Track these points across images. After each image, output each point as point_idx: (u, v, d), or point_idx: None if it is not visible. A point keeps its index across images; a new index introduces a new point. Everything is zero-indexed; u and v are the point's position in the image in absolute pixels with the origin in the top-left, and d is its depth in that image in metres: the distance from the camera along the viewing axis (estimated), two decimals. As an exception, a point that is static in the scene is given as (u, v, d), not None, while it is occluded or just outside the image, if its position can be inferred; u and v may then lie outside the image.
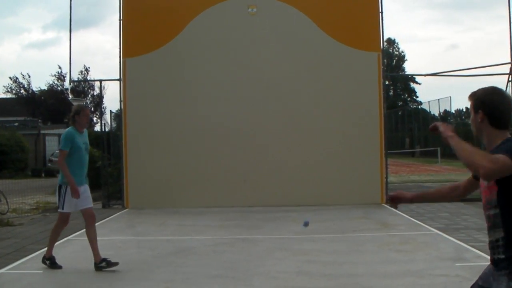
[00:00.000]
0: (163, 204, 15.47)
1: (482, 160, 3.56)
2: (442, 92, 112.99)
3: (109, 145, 18.15)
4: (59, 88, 58.75)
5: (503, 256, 3.60)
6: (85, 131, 9.04)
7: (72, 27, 17.69)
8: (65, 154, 8.66)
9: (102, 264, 8.62)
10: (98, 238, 9.04)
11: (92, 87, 58.41)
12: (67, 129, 8.86)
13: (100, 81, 21.58)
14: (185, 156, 16.51)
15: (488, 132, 3.92)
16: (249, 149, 16.18)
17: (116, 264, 8.61)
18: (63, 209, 8.91)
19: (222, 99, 16.63)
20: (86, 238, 8.91)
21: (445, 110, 55.96)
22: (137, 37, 16.95)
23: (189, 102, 16.71)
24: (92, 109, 59.02)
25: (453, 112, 65.62)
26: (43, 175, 36.52)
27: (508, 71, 17.42)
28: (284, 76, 16.55)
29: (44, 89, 58.84)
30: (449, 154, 44.40)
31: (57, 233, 9.23)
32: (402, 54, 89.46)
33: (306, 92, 16.53)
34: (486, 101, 3.83)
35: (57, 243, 11.20)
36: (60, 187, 8.83)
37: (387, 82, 64.45)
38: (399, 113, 66.69)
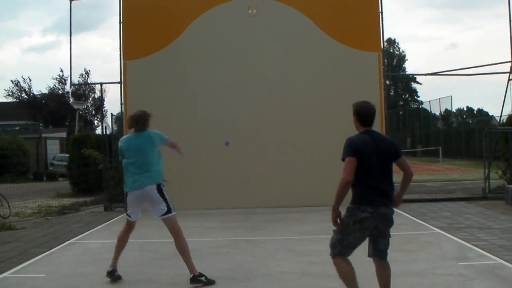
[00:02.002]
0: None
1: (340, 182, 6.00)
2: (443, 92, 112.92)
3: (110, 148, 18.14)
4: (60, 92, 58.81)
5: None
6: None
7: (72, 31, 17.72)
8: None
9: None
10: (100, 241, 8.99)
11: (93, 90, 58.65)
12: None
13: (101, 84, 21.65)
14: (187, 158, 16.43)
15: (356, 126, 6.62)
16: (251, 150, 16.18)
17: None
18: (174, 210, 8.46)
19: (223, 100, 16.63)
20: (91, 241, 8.77)
21: (446, 109, 56.03)
22: (137, 40, 16.96)
23: (190, 104, 16.71)
24: (93, 112, 59.16)
25: (454, 111, 65.64)
26: (44, 178, 36.54)
27: (508, 70, 17.42)
28: (285, 77, 16.55)
29: (45, 93, 58.92)
30: (451, 154, 44.48)
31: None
32: (403, 54, 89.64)
33: (307, 92, 16.53)
34: (357, 109, 6.61)
35: (59, 246, 11.24)
36: (161, 185, 8.43)
37: (388, 82, 64.44)
38: (400, 113, 66.76)
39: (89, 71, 55.68)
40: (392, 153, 6.30)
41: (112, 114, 21.51)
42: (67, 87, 57.96)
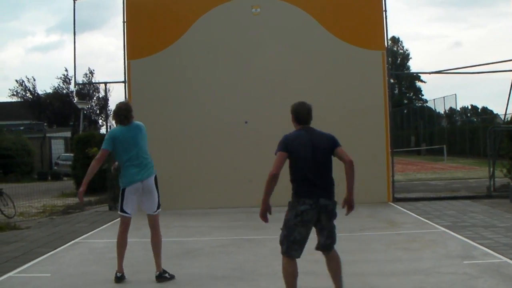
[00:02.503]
0: (168, 205, 15.37)
1: (267, 177, 6.50)
2: (447, 90, 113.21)
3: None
4: (64, 91, 58.86)
5: None
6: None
7: (76, 30, 17.75)
8: None
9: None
10: (104, 240, 8.99)
11: (97, 90, 58.65)
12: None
13: (105, 83, 21.68)
14: (190, 157, 16.52)
15: (294, 125, 6.81)
16: (254, 149, 16.16)
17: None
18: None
19: (227, 99, 16.63)
20: (96, 241, 8.75)
21: (451, 108, 55.94)
22: (141, 39, 16.96)
23: (194, 103, 16.71)
24: (98, 111, 59.20)
25: (459, 109, 65.51)
26: (49, 178, 36.61)
27: (512, 68, 17.38)
28: (288, 76, 16.53)
29: (50, 92, 58.97)
30: (455, 152, 44.41)
31: None
32: (407, 52, 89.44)
33: (311, 91, 16.43)
34: (293, 108, 6.90)
35: (64, 246, 11.26)
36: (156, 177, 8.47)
37: (392, 81, 64.35)
38: (405, 111, 66.61)
39: (93, 70, 55.58)
40: (328, 147, 6.48)
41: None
42: (72, 87, 58.01)
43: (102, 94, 57.40)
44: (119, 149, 8.34)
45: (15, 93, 59.06)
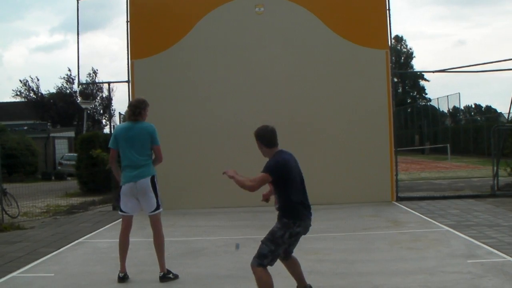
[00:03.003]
0: (173, 205, 15.41)
1: (246, 183, 6.79)
2: (450, 89, 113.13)
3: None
4: (68, 91, 58.92)
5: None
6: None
7: (79, 30, 17.75)
8: None
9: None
10: (108, 240, 8.99)
11: (100, 89, 58.69)
12: (151, 124, 8.61)
13: (109, 83, 21.70)
14: (194, 157, 16.52)
15: (264, 150, 7.03)
16: (257, 149, 16.13)
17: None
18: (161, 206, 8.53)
19: (230, 99, 16.63)
20: (100, 240, 8.76)
21: (454, 107, 55.84)
22: (144, 39, 16.96)
23: (198, 102, 16.71)
24: (101, 111, 59.26)
25: (462, 108, 65.38)
26: (53, 178, 36.65)
27: (516, 66, 17.35)
28: (292, 75, 16.53)
29: (53, 92, 59.02)
30: (459, 151, 44.35)
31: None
32: (410, 51, 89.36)
33: (315, 90, 16.51)
34: (258, 134, 6.99)
35: (67, 246, 11.28)
36: (154, 178, 8.43)
37: (395, 80, 64.24)
38: (408, 110, 66.56)
39: (97, 70, 55.69)
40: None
41: (120, 113, 21.60)
42: (75, 87, 58.09)
43: (105, 94, 57.50)
44: (120, 147, 8.38)
45: (18, 93, 59.16)
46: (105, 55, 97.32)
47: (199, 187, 16.35)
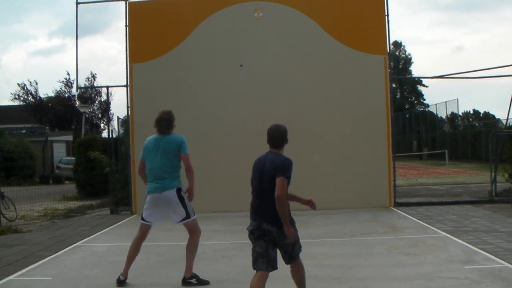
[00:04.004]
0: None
1: (277, 198, 6.11)
2: (449, 94, 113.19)
3: (116, 151, 18.16)
4: (66, 95, 58.95)
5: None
6: None
7: (78, 34, 17.75)
8: None
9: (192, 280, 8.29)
10: (106, 244, 9.01)
11: (99, 94, 58.71)
12: (180, 135, 8.81)
13: (107, 87, 21.65)
14: (192, 161, 16.44)
15: (271, 150, 6.68)
16: (257, 153, 16.11)
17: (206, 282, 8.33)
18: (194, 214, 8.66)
19: (229, 103, 16.64)
20: (98, 244, 8.79)
21: (452, 112, 55.91)
22: (143, 43, 16.98)
23: (196, 107, 16.72)
24: (100, 115, 59.28)
25: (460, 114, 65.48)
26: (51, 181, 36.65)
27: (514, 73, 17.38)
28: (290, 80, 16.54)
29: (52, 96, 59.06)
30: (457, 157, 44.39)
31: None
32: (409, 56, 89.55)
33: (313, 95, 16.52)
34: (268, 131, 6.85)
35: (65, 249, 11.27)
36: (181, 191, 8.63)
37: (394, 85, 64.28)
38: (407, 115, 66.63)
39: (95, 74, 55.72)
40: (272, 174, 6.32)
41: (118, 117, 21.56)
42: (74, 91, 58.15)
43: (104, 98, 57.56)
44: (147, 158, 8.57)
45: (17, 96, 59.28)
46: (103, 59, 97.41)
47: (198, 191, 16.25)
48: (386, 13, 16.67)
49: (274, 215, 6.20)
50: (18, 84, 60.16)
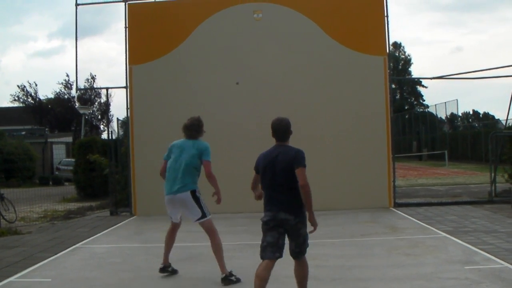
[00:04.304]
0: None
1: (303, 187, 6.47)
2: (448, 95, 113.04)
3: (116, 153, 18.15)
4: (66, 97, 58.94)
5: None
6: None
7: (77, 35, 17.75)
8: None
9: (232, 278, 8.45)
10: (106, 245, 9.03)
11: (99, 95, 58.67)
12: (205, 142, 9.20)
13: (107, 88, 21.69)
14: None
15: (279, 144, 6.93)
16: (256, 154, 16.10)
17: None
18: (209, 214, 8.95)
19: (228, 104, 16.64)
20: (97, 246, 8.86)
21: (452, 113, 55.92)
22: (143, 44, 16.98)
23: (196, 108, 16.63)
24: (99, 116, 59.27)
25: (460, 114, 65.51)
26: (50, 183, 36.62)
27: (514, 73, 17.37)
28: (290, 81, 16.54)
29: (51, 98, 59.05)
30: (457, 157, 44.39)
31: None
32: (408, 57, 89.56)
33: (313, 96, 16.52)
34: (272, 125, 7.03)
35: (65, 251, 11.26)
36: (196, 192, 8.91)
37: (393, 86, 64.24)
38: (406, 116, 66.59)
39: (95, 75, 55.64)
40: (289, 166, 6.68)
41: (118, 119, 21.57)
42: (73, 92, 58.10)
43: (103, 99, 57.52)
44: (169, 158, 8.92)
45: (16, 98, 59.24)
46: (103, 60, 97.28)
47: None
48: (385, 14, 16.67)
49: (290, 205, 6.57)
50: (18, 86, 60.19)
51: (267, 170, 6.78)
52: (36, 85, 59.59)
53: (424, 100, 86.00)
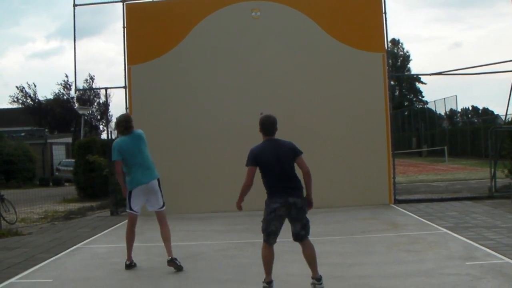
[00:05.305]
0: (171, 210, 15.24)
1: (242, 187, 7.71)
2: (447, 91, 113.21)
3: (116, 153, 18.10)
4: (65, 97, 58.96)
5: None
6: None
7: (76, 36, 17.75)
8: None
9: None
10: (106, 245, 9.10)
11: (97, 95, 58.73)
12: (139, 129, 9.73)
13: (106, 89, 21.62)
14: (192, 161, 16.52)
15: (263, 137, 7.85)
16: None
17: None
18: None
19: (227, 103, 16.62)
20: (98, 246, 9.00)
21: (451, 109, 55.93)
22: (141, 44, 16.96)
23: (195, 107, 16.72)
24: (99, 117, 59.29)
25: (459, 110, 65.49)
26: (50, 184, 36.65)
27: (512, 69, 17.35)
28: (289, 79, 16.53)
29: (50, 98, 59.06)
30: (457, 153, 44.40)
31: None
32: (407, 54, 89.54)
33: (312, 94, 16.51)
34: (260, 121, 7.96)
35: (66, 251, 11.27)
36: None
37: (392, 83, 64.30)
38: (406, 113, 66.63)
39: (94, 76, 55.67)
40: (290, 156, 7.59)
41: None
42: (72, 93, 58.14)
43: (102, 99, 57.56)
44: (126, 157, 9.34)
45: (15, 99, 59.25)
46: (101, 60, 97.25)
47: (197, 191, 16.35)
48: (383, 11, 16.66)
49: (297, 189, 7.41)
50: (17, 87, 60.25)
51: (272, 162, 7.43)
52: (35, 86, 59.79)
53: (423, 97, 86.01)
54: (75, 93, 56.49)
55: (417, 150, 52.27)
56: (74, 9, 17.59)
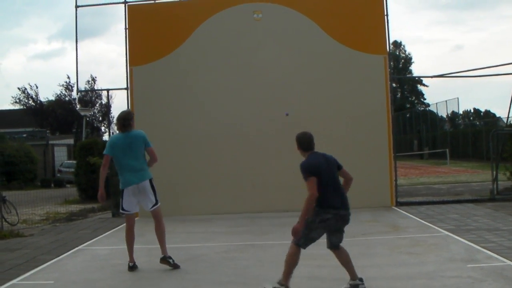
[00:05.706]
0: (172, 211, 15.34)
1: (308, 201, 7.32)
2: (449, 93, 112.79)
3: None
4: (66, 98, 58.99)
5: None
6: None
7: (78, 37, 17.77)
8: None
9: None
10: (108, 247, 9.10)
11: (99, 97, 58.79)
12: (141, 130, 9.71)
13: (108, 90, 21.71)
14: (193, 163, 16.51)
15: (302, 153, 7.82)
16: (257, 154, 16.15)
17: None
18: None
19: (229, 105, 16.63)
20: (100, 247, 9.03)
21: (453, 111, 55.89)
22: (143, 46, 16.97)
23: (196, 109, 16.72)
24: (100, 118, 59.32)
25: (461, 113, 65.45)
26: (52, 185, 36.66)
27: (514, 71, 17.36)
28: (290, 81, 16.52)
29: (52, 100, 59.08)
30: (458, 156, 44.37)
31: None
32: (409, 56, 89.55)
33: (313, 96, 16.50)
34: (297, 138, 7.82)
35: (67, 253, 11.27)
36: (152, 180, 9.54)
37: (394, 85, 64.26)
38: (407, 115, 66.59)
39: (96, 77, 55.78)
40: (336, 166, 7.93)
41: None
42: (74, 94, 58.21)
43: (104, 101, 57.69)
44: (117, 154, 9.41)
45: (17, 100, 59.29)
46: (103, 62, 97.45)
47: (197, 193, 16.34)
48: (385, 13, 16.66)
49: (347, 202, 7.92)
50: (19, 88, 60.32)
51: (329, 173, 7.65)
52: (37, 87, 59.86)
53: (425, 99, 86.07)
54: (77, 94, 56.56)
55: (418, 153, 52.24)
56: (76, 10, 17.63)
